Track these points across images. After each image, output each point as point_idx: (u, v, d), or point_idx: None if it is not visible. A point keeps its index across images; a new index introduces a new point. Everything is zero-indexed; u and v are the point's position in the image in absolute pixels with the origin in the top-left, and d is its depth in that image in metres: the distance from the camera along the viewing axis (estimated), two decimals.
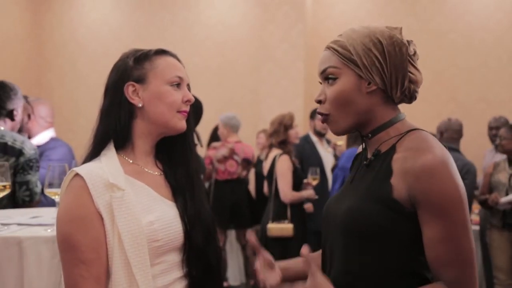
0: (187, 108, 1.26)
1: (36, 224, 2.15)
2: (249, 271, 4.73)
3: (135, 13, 7.22)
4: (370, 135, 1.17)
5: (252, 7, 6.75)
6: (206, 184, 4.70)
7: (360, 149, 1.30)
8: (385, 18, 6.22)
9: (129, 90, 1.22)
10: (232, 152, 4.48)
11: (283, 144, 3.69)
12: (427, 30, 6.14)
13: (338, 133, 1.19)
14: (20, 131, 3.09)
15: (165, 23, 7.05)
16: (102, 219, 1.12)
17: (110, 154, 1.20)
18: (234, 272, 4.89)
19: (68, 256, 1.12)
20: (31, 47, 7.43)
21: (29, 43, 7.40)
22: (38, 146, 3.06)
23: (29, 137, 3.07)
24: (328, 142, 4.48)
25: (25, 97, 3.15)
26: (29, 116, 3.06)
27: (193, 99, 1.27)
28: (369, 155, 1.20)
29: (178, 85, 1.25)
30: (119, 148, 1.23)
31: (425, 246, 1.05)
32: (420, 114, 5.97)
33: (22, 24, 7.26)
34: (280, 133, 3.68)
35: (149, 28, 7.11)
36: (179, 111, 1.24)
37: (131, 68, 1.23)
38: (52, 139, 3.13)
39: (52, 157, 2.94)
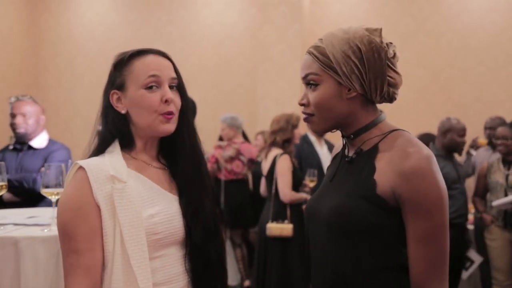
0: (170, 108, 1.21)
1: (32, 224, 2.15)
2: (244, 271, 4.73)
3: (132, 12, 7.21)
4: (352, 136, 1.21)
5: (249, 7, 6.74)
6: None
7: (338, 149, 1.34)
8: (382, 18, 6.23)
9: (114, 98, 1.24)
10: (239, 153, 4.47)
11: (287, 143, 3.68)
12: (424, 30, 6.15)
13: (318, 132, 1.24)
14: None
15: (161, 22, 7.04)
16: (100, 210, 1.13)
17: (114, 151, 1.22)
18: (231, 272, 4.89)
19: (63, 245, 1.15)
20: (28, 46, 7.41)
21: (26, 43, 7.38)
22: (40, 149, 3.05)
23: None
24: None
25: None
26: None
27: (171, 97, 1.22)
28: (350, 153, 1.23)
29: (155, 85, 1.21)
30: (123, 147, 1.25)
31: (407, 243, 1.10)
32: (416, 114, 5.98)
33: (19, 24, 7.24)
34: (287, 131, 3.66)
35: (145, 27, 7.10)
36: (162, 114, 1.21)
37: (113, 75, 1.24)
38: (50, 141, 3.13)
39: (60, 159, 2.95)
